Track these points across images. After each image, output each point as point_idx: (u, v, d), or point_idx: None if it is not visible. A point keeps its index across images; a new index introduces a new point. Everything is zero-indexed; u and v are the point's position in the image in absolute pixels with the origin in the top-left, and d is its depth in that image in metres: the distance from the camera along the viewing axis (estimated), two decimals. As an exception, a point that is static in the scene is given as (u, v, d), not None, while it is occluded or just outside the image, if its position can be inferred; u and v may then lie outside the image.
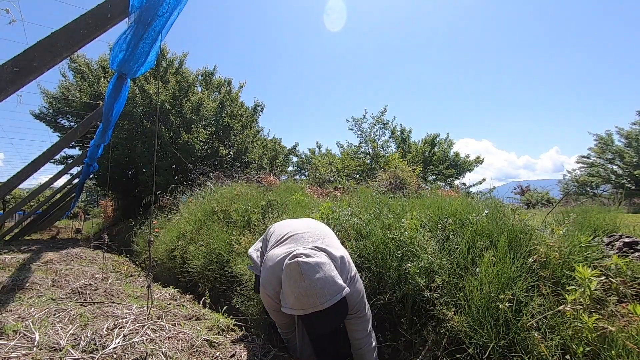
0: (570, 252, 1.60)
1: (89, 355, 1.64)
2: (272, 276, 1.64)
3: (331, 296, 1.39)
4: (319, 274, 1.40)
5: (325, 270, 1.43)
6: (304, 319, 1.45)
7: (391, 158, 7.31)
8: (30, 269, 3.99)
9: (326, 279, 1.41)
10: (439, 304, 1.66)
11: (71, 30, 1.91)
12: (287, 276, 1.44)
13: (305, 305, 1.39)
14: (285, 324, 1.86)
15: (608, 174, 19.12)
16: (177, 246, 4.22)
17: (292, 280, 1.42)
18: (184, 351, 1.75)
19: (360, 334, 1.69)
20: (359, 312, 1.68)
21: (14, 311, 2.27)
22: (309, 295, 1.38)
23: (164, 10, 1.95)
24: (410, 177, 6.29)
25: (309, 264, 1.41)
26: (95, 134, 5.34)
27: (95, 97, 9.95)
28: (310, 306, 1.38)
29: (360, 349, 1.69)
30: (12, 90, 1.78)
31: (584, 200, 3.65)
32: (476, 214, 2.02)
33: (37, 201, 14.84)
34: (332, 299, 1.39)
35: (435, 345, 1.63)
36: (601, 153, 19.51)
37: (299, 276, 1.40)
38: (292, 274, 1.42)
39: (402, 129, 19.57)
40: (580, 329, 1.28)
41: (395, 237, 2.04)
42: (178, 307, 2.68)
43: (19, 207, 10.14)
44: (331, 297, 1.39)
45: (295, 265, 1.41)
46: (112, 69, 2.57)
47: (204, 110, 10.55)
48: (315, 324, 1.43)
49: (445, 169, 18.51)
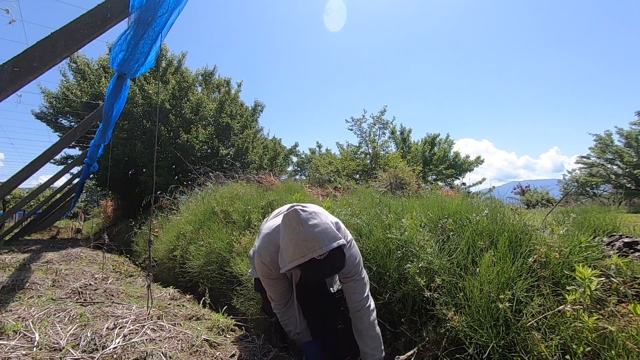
0: (570, 252, 1.60)
1: (89, 355, 1.64)
2: (268, 242, 1.71)
3: (329, 241, 1.44)
4: (316, 221, 1.47)
5: (321, 218, 1.49)
6: (304, 268, 1.49)
7: (391, 158, 7.32)
8: (30, 269, 3.99)
9: (323, 225, 1.47)
10: (438, 304, 1.66)
11: (71, 30, 1.91)
12: (286, 226, 1.50)
13: (304, 250, 1.43)
14: (281, 294, 1.83)
15: (608, 174, 19.12)
16: (177, 246, 4.22)
17: (291, 228, 1.47)
18: (184, 351, 1.75)
19: (358, 296, 1.73)
20: (357, 275, 1.73)
21: (14, 311, 2.27)
22: (308, 239, 1.43)
23: (163, 10, 1.95)
24: (410, 177, 6.29)
25: (306, 212, 1.48)
26: (95, 134, 5.35)
27: (96, 97, 9.95)
28: (309, 250, 1.43)
29: (359, 310, 1.73)
30: (12, 90, 1.78)
31: (584, 200, 3.65)
32: (476, 214, 2.02)
33: (37, 201, 14.84)
34: (329, 244, 1.44)
35: (435, 345, 1.63)
36: (601, 153, 19.51)
37: (297, 222, 1.46)
38: (291, 222, 1.48)
39: (402, 128, 19.57)
40: (580, 329, 1.28)
41: (395, 237, 2.04)
42: (178, 307, 2.68)
43: (19, 207, 10.15)
44: (329, 242, 1.44)
45: (293, 213, 1.48)
46: (112, 69, 2.57)
47: (203, 110, 10.55)
48: (313, 271, 1.48)
49: (445, 169, 18.52)
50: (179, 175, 10.60)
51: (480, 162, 20.12)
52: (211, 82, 12.52)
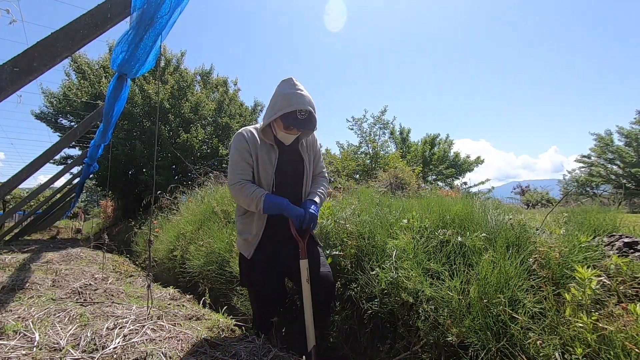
0: (570, 252, 1.60)
1: (89, 355, 1.64)
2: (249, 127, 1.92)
3: (312, 108, 1.69)
4: (307, 93, 1.72)
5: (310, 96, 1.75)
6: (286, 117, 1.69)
7: (391, 158, 7.32)
8: (30, 269, 3.99)
9: (310, 97, 1.72)
10: (430, 318, 1.66)
11: (71, 30, 1.90)
12: (281, 84, 1.75)
13: (292, 101, 1.66)
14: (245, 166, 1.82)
15: (608, 174, 19.13)
16: (177, 246, 4.22)
17: (286, 84, 1.72)
18: (184, 351, 1.75)
19: (323, 188, 2.02)
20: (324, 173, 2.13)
21: (14, 311, 2.27)
22: (297, 95, 1.67)
23: (165, 10, 1.95)
24: (410, 177, 6.30)
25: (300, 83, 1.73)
26: (95, 134, 5.35)
27: (96, 97, 9.95)
28: (296, 103, 1.66)
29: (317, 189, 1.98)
30: (12, 90, 1.78)
31: (584, 200, 3.65)
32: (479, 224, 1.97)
33: (37, 201, 14.84)
34: (312, 109, 1.69)
35: (435, 347, 1.63)
36: (601, 153, 19.52)
37: (293, 83, 1.71)
38: (287, 82, 1.73)
39: (401, 129, 19.57)
40: (580, 330, 1.28)
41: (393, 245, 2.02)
42: (178, 307, 2.68)
43: (19, 207, 10.14)
44: (312, 108, 1.69)
45: (290, 78, 1.74)
46: (112, 70, 2.57)
47: (202, 109, 10.55)
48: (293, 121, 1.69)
49: (445, 169, 18.52)
50: (178, 175, 10.60)
51: (481, 162, 20.13)
52: (209, 81, 12.53)
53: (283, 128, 1.78)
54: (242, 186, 1.78)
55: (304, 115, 1.69)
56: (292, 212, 1.77)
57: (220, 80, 12.64)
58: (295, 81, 1.72)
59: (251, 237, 1.88)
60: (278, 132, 1.84)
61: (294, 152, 1.93)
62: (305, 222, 1.78)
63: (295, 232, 1.81)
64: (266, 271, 1.90)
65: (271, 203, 1.75)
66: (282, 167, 1.87)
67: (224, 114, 11.03)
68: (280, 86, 1.75)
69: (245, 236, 1.91)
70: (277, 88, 1.76)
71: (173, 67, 11.72)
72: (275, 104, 1.71)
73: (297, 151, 1.93)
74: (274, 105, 1.72)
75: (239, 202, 1.89)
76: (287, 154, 1.90)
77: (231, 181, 1.82)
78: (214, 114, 10.80)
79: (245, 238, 1.92)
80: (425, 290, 1.71)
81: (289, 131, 1.79)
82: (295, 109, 1.66)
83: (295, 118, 1.68)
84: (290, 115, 1.68)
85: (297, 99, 1.67)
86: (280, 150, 1.87)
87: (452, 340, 1.51)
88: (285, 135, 1.83)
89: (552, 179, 46.33)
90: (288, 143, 1.89)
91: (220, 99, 11.14)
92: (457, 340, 1.50)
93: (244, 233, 1.93)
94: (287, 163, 1.89)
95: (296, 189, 1.94)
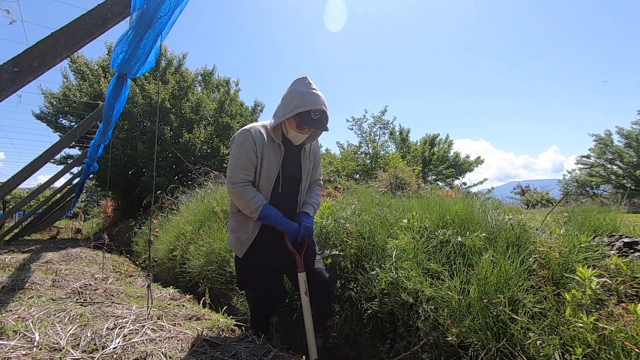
0: (570, 252, 1.60)
1: (89, 355, 1.64)
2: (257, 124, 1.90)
3: (326, 108, 1.70)
4: (321, 92, 1.72)
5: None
6: (300, 116, 1.69)
7: (391, 158, 7.32)
8: (30, 269, 3.99)
9: (324, 97, 1.72)
10: (430, 318, 1.66)
11: (71, 30, 1.90)
12: (296, 82, 1.74)
13: (308, 101, 1.66)
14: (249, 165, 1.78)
15: (608, 174, 19.13)
16: (177, 246, 4.22)
17: (302, 83, 1.71)
18: (184, 351, 1.75)
19: (317, 198, 2.04)
20: (320, 181, 2.14)
21: (14, 311, 2.27)
22: (313, 95, 1.67)
23: (165, 10, 1.95)
24: (410, 177, 6.30)
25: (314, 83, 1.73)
26: (95, 134, 5.35)
27: (96, 97, 9.95)
28: (312, 102, 1.66)
29: (311, 200, 1.99)
30: (12, 90, 1.78)
31: (584, 201, 3.65)
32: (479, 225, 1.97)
33: (37, 201, 14.83)
34: (326, 109, 1.70)
35: (435, 347, 1.63)
36: (601, 153, 19.52)
37: (308, 83, 1.71)
38: (302, 80, 1.73)
39: (401, 129, 19.57)
40: (580, 330, 1.28)
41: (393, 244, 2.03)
42: (178, 307, 2.68)
43: (19, 207, 10.14)
44: (326, 108, 1.70)
45: (305, 77, 1.74)
46: (112, 70, 2.57)
47: (203, 109, 10.55)
48: (306, 120, 1.69)
49: (445, 169, 18.51)
50: (179, 175, 10.60)
51: (481, 162, 20.13)
52: (210, 82, 12.53)
53: (296, 127, 1.77)
54: (243, 188, 1.77)
55: (317, 115, 1.69)
56: (286, 227, 1.79)
57: (221, 81, 12.64)
58: (310, 80, 1.72)
59: (246, 235, 1.87)
60: (289, 131, 1.82)
61: (296, 156, 1.92)
62: (300, 235, 1.80)
63: (291, 246, 1.82)
64: (264, 270, 1.90)
65: (267, 215, 1.76)
66: (285, 169, 1.87)
67: (225, 113, 11.03)
68: (295, 85, 1.73)
69: (239, 234, 1.89)
70: (292, 86, 1.74)
71: (174, 68, 11.73)
72: (291, 102, 1.70)
73: (298, 155, 1.93)
74: (289, 104, 1.70)
75: (235, 202, 1.88)
76: (290, 156, 1.90)
77: (232, 179, 1.79)
78: (214, 114, 10.80)
79: (238, 236, 1.89)
80: (425, 290, 1.71)
81: (301, 130, 1.78)
82: (311, 109, 1.67)
83: (310, 117, 1.69)
84: (306, 114, 1.68)
85: (313, 98, 1.67)
86: (286, 150, 1.87)
87: (452, 340, 1.51)
88: (297, 134, 1.81)
89: (552, 179, 46.35)
90: (297, 143, 1.88)
91: (222, 99, 11.14)
92: (457, 340, 1.50)
93: (238, 231, 1.90)
94: (289, 165, 1.89)
95: (293, 193, 1.95)
